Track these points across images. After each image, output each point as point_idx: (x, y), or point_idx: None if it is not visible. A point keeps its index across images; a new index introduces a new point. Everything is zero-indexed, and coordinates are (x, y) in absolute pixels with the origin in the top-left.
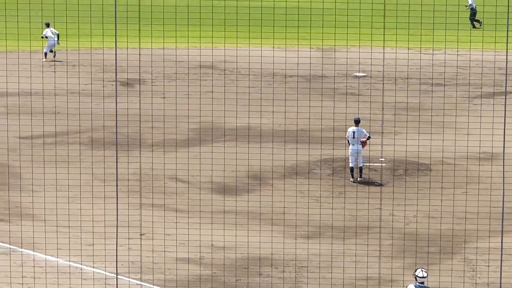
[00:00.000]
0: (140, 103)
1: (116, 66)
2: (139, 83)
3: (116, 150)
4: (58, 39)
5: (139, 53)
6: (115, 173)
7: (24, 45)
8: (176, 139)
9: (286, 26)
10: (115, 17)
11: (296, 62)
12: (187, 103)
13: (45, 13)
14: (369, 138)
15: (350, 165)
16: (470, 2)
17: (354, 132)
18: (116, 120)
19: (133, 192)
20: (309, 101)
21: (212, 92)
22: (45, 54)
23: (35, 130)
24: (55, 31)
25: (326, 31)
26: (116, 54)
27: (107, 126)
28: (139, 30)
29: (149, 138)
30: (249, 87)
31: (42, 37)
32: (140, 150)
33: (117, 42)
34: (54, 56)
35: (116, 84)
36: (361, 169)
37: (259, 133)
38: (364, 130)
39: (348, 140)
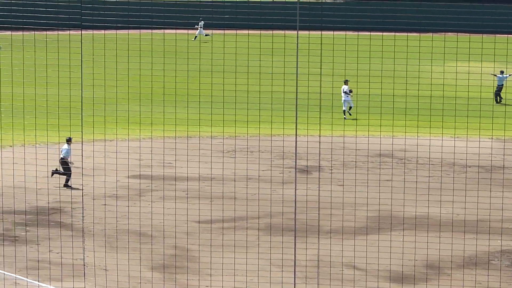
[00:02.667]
0: (319, 190)
1: (296, 153)
2: (318, 171)
3: (295, 236)
4: None
5: (319, 140)
6: (293, 259)
7: (205, 131)
8: (354, 227)
9: (467, 116)
10: (296, 104)
11: (476, 152)
12: (366, 191)
13: (226, 99)
14: None
15: None
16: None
17: None
18: (295, 207)
19: (310, 279)
20: (490, 191)
21: (392, 180)
22: None
23: (214, 215)
24: None
25: (509, 122)
26: (296, 141)
27: (285, 212)
28: (320, 117)
29: (327, 225)
30: (428, 176)
31: None
32: (318, 237)
33: (297, 130)
34: None
35: (295, 170)
36: None
37: (437, 223)
38: None
39: None
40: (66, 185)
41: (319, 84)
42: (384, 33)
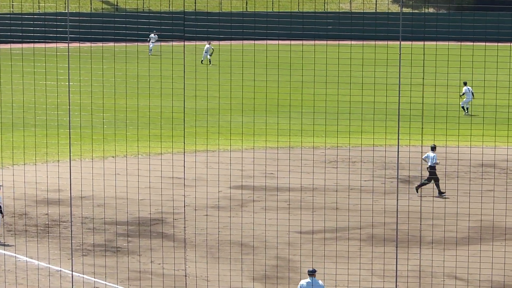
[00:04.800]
0: (421, 200)
1: (398, 163)
2: (421, 181)
3: (396, 247)
4: None
5: (421, 150)
6: (395, 269)
7: (307, 141)
8: (456, 237)
9: None
10: (398, 115)
11: None
12: (468, 201)
13: (329, 109)
14: None
15: None
16: None
17: None
18: (397, 217)
19: None
20: None
21: (494, 190)
22: None
23: (315, 226)
24: None
25: None
26: (398, 151)
27: (386, 223)
28: (422, 128)
29: (428, 236)
30: None
31: None
32: (420, 247)
33: (399, 140)
34: None
35: (397, 181)
36: None
37: None
38: None
39: None
40: None
41: (421, 95)
42: (486, 43)
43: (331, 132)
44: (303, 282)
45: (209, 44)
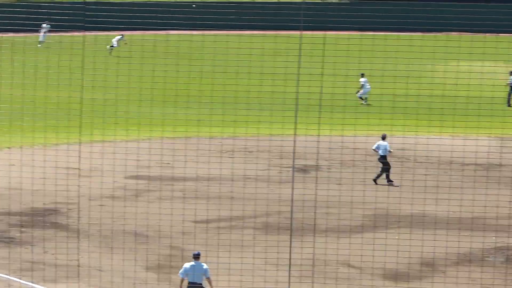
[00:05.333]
0: (316, 189)
1: (294, 152)
2: (316, 170)
3: (291, 235)
4: None
5: (318, 140)
6: (288, 258)
7: (203, 131)
8: (350, 225)
9: (466, 115)
10: (296, 105)
11: (474, 150)
12: (363, 189)
13: (226, 99)
14: None
15: None
16: None
17: None
18: (292, 206)
19: (305, 278)
20: (486, 189)
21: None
22: None
23: (210, 215)
24: None
25: (507, 120)
26: (294, 141)
27: (282, 212)
28: (319, 117)
29: (323, 224)
30: (425, 174)
31: None
32: (314, 236)
33: (296, 130)
34: None
35: (293, 170)
36: None
37: (433, 220)
38: None
39: None
40: None
41: (319, 84)
42: (388, 33)
43: (228, 122)
44: (187, 265)
45: (120, 36)
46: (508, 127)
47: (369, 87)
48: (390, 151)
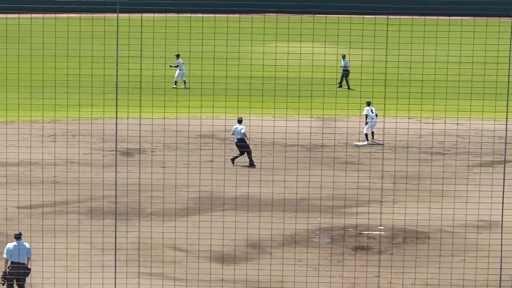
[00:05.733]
0: (140, 172)
1: (116, 135)
2: (139, 153)
3: (115, 219)
4: None
5: (140, 122)
6: (114, 242)
7: (24, 115)
8: (175, 208)
9: (287, 96)
10: (116, 87)
11: (296, 131)
12: (187, 172)
13: (46, 83)
14: None
15: None
16: None
17: None
18: (116, 190)
19: (132, 261)
20: (309, 170)
21: (212, 161)
22: None
23: (34, 200)
24: None
25: (327, 101)
26: (116, 124)
27: (106, 196)
28: (140, 100)
29: (148, 208)
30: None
31: None
32: (139, 219)
33: (117, 112)
34: None
35: (116, 153)
36: None
37: (258, 202)
38: None
39: None
40: None
41: (138, 67)
42: (204, 15)
43: (49, 106)
44: (10, 245)
45: None
46: (330, 108)
47: (184, 69)
48: (245, 134)
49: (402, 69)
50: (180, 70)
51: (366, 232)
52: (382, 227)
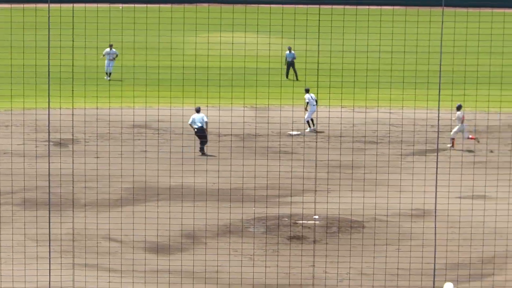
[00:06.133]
0: (73, 163)
1: (49, 126)
2: (72, 143)
3: (49, 210)
4: None
5: (72, 113)
6: (48, 233)
7: None
8: (109, 199)
9: (220, 86)
10: (48, 78)
11: (229, 121)
12: (121, 162)
13: None
14: None
15: None
16: None
17: None
18: (49, 180)
19: (66, 252)
20: (243, 159)
21: (146, 151)
22: None
23: None
24: None
25: (260, 90)
26: (49, 114)
27: (40, 187)
28: (72, 90)
29: (82, 198)
30: (182, 146)
31: None
32: (73, 210)
33: (50, 103)
34: None
35: (49, 144)
36: None
37: (192, 192)
38: None
39: None
40: None
41: (71, 57)
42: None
43: None
44: None
45: None
46: (263, 97)
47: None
48: (206, 123)
49: (335, 58)
50: (110, 60)
51: (301, 222)
52: (316, 217)
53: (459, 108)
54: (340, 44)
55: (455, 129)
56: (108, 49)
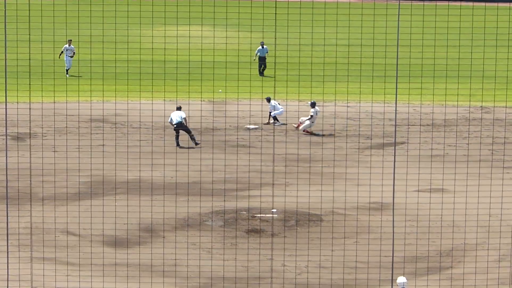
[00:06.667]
0: (30, 157)
1: (6, 120)
2: (30, 137)
3: (7, 204)
4: None
5: (30, 107)
6: (6, 227)
7: None
8: (67, 193)
9: (177, 80)
10: (5, 71)
11: (187, 115)
12: (78, 156)
13: None
14: None
15: None
16: None
17: None
18: (7, 174)
19: (24, 246)
20: (200, 153)
21: (103, 145)
22: None
23: None
24: None
25: (217, 84)
26: (6, 108)
27: None
28: (30, 84)
29: (40, 192)
30: (140, 140)
31: None
32: (30, 204)
33: (7, 97)
34: None
35: (6, 138)
36: None
37: (150, 186)
38: None
39: None
40: None
41: (28, 51)
42: None
43: None
44: None
45: None
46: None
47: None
48: (185, 118)
49: (292, 52)
50: (69, 56)
51: (259, 215)
52: (274, 210)
53: (313, 105)
54: (297, 38)
55: (305, 124)
56: (67, 45)
